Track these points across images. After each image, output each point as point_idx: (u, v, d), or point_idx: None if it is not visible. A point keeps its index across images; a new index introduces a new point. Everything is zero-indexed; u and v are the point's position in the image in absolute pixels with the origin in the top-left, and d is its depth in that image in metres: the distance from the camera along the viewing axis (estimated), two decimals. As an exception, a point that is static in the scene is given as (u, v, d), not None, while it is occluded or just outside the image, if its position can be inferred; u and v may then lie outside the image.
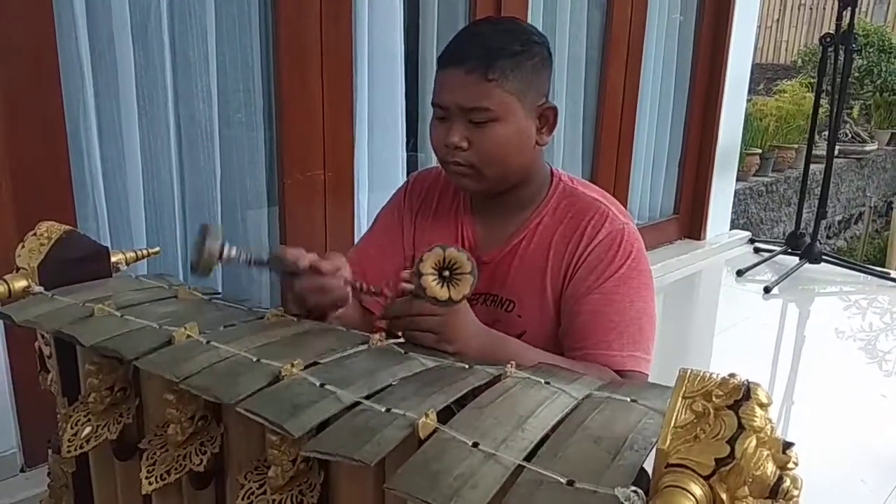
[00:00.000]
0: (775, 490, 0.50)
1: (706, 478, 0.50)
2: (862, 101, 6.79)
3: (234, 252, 0.88)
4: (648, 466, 0.54)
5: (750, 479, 0.50)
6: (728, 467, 0.49)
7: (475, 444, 0.58)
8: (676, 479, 0.50)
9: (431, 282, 0.75)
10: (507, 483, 0.54)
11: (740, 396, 0.52)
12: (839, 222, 6.10)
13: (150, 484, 0.77)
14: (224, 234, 0.87)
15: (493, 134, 0.99)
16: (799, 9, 8.90)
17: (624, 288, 1.01)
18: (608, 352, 0.98)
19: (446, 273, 0.76)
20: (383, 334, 0.83)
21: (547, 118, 1.04)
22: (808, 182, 3.79)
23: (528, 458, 0.56)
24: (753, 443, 0.50)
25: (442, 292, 0.76)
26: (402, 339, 0.83)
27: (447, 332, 0.84)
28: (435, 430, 0.60)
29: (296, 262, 0.91)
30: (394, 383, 0.70)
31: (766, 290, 3.26)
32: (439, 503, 0.51)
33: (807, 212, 3.94)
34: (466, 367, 0.77)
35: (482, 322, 1.10)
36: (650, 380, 0.97)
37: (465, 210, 1.15)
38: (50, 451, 1.02)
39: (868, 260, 5.13)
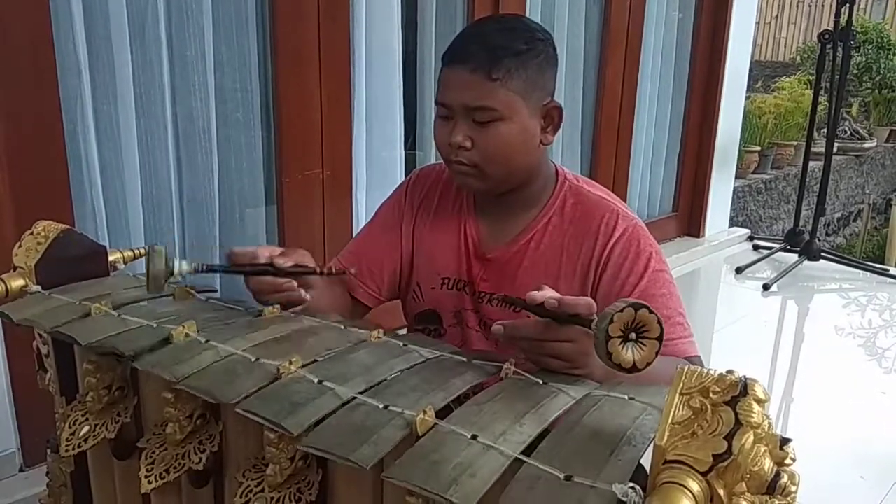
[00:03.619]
0: (773, 486, 0.50)
1: (704, 474, 0.50)
2: (861, 98, 6.79)
3: (184, 267, 0.89)
4: (646, 462, 0.54)
5: (747, 475, 0.50)
6: (725, 463, 0.49)
7: (474, 437, 0.58)
8: (674, 475, 0.50)
9: (618, 346, 0.66)
10: (506, 474, 0.54)
11: (737, 392, 0.52)
12: (838, 219, 6.11)
13: (149, 483, 0.77)
14: (169, 253, 0.89)
15: (497, 133, 0.99)
16: (797, 6, 8.90)
17: (659, 281, 1.02)
18: (669, 342, 0.97)
19: (633, 335, 0.66)
20: (381, 331, 0.83)
21: (552, 117, 1.04)
22: (807, 179, 3.80)
23: (526, 452, 0.56)
24: (751, 439, 0.50)
25: (627, 358, 0.65)
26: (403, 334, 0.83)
27: (580, 359, 0.76)
28: (433, 426, 0.60)
29: (252, 260, 0.92)
30: (391, 377, 0.70)
31: (766, 287, 3.27)
32: (438, 491, 0.51)
33: (806, 209, 3.95)
34: (465, 360, 0.77)
35: (490, 319, 1.10)
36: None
37: (468, 208, 1.14)
38: (48, 451, 1.02)
39: (867, 257, 5.14)
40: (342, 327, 0.85)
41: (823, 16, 8.38)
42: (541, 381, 0.71)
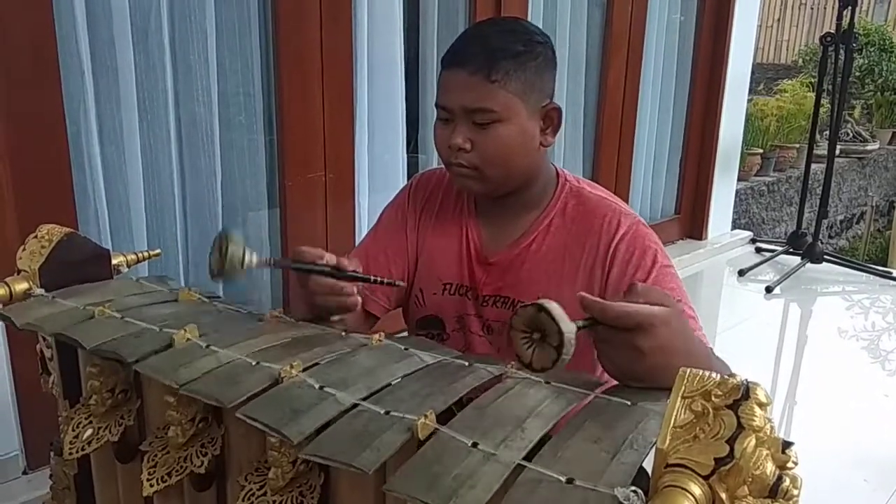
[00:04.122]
0: (775, 489, 0.50)
1: (705, 477, 0.50)
2: (863, 101, 6.78)
3: (255, 259, 0.87)
4: (648, 466, 0.54)
5: (749, 479, 0.50)
6: (727, 467, 0.49)
7: (474, 445, 0.58)
8: (676, 478, 0.50)
9: (520, 339, 0.66)
10: (507, 482, 0.54)
11: (739, 396, 0.52)
12: (841, 222, 6.09)
13: (151, 486, 0.77)
14: (245, 239, 0.86)
15: (497, 135, 0.99)
16: (799, 8, 8.90)
17: (667, 275, 1.02)
18: None
19: (536, 335, 0.66)
20: (383, 334, 0.83)
21: (551, 119, 1.04)
22: (810, 182, 3.79)
23: (527, 458, 0.56)
24: (753, 442, 0.50)
25: (523, 354, 0.66)
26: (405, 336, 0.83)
27: (622, 367, 0.69)
28: (434, 431, 0.60)
29: (315, 261, 0.90)
30: (393, 383, 0.70)
31: (768, 289, 3.26)
32: (438, 503, 0.51)
33: (808, 211, 3.94)
34: (467, 364, 0.77)
35: (493, 322, 1.10)
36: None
37: (469, 212, 1.14)
38: (52, 454, 1.02)
39: (870, 259, 5.13)
40: (343, 334, 0.86)
41: (825, 18, 8.38)
42: (543, 381, 0.71)
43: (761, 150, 5.15)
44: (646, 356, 0.67)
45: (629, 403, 0.66)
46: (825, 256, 3.57)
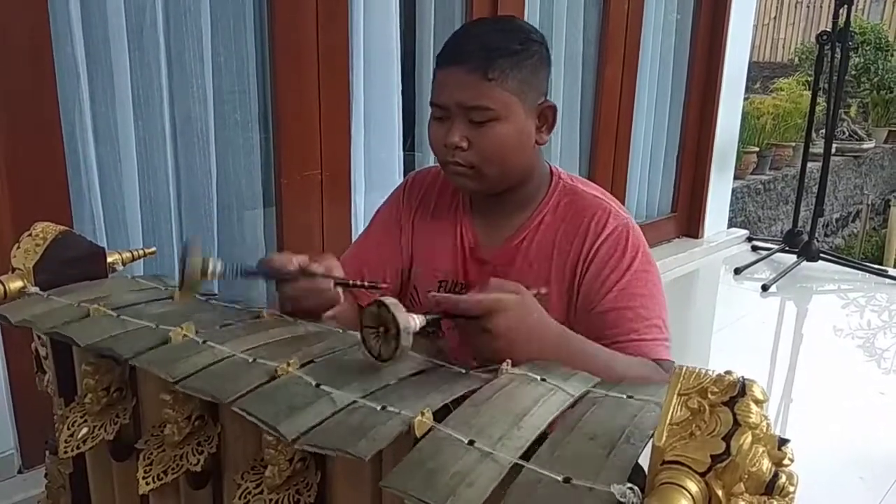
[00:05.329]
0: (771, 486, 0.50)
1: (702, 474, 0.50)
2: (859, 99, 6.80)
3: (219, 267, 0.86)
4: (645, 462, 0.54)
5: (745, 476, 0.50)
6: (724, 464, 0.49)
7: (471, 442, 0.58)
8: (672, 475, 0.50)
9: (369, 334, 0.72)
10: (504, 481, 0.54)
11: (736, 393, 0.52)
12: (837, 220, 6.11)
13: (147, 484, 0.77)
14: (206, 249, 0.85)
15: (494, 133, 0.98)
16: (796, 7, 8.92)
17: (642, 281, 1.01)
18: (640, 341, 0.97)
19: (382, 329, 0.72)
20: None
21: (546, 117, 1.04)
22: (806, 180, 3.80)
23: (524, 457, 0.56)
24: (749, 439, 0.50)
25: (374, 346, 0.72)
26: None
27: (482, 353, 0.78)
28: (431, 429, 0.60)
29: (284, 267, 0.90)
30: (391, 382, 0.70)
31: (764, 288, 3.27)
32: (436, 502, 0.51)
33: (804, 210, 3.95)
34: (463, 371, 0.76)
35: None
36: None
37: (464, 210, 1.14)
38: (47, 452, 1.02)
39: (866, 257, 5.14)
40: (340, 331, 0.85)
41: (822, 17, 8.40)
42: (538, 378, 0.70)
43: (757, 149, 5.16)
44: (495, 337, 0.78)
45: (625, 396, 0.66)
46: (821, 255, 3.58)
